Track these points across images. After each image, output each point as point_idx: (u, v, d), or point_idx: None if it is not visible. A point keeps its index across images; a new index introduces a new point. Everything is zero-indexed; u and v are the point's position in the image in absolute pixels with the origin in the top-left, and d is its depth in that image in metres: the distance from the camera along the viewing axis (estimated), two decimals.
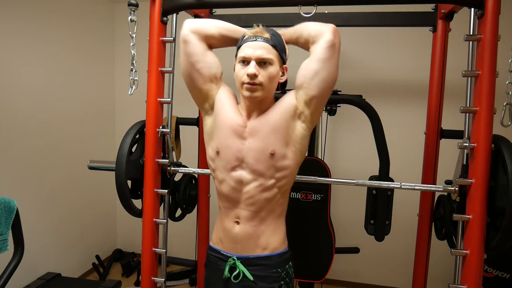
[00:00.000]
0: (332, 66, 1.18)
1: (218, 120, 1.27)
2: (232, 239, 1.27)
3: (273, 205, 1.25)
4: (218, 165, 1.28)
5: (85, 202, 3.04)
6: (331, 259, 1.97)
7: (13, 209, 1.66)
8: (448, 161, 1.94)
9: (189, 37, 1.26)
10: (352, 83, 2.76)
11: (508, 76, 1.36)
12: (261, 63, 1.16)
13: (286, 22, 1.91)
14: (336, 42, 1.17)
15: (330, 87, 1.21)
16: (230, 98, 1.29)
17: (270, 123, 1.20)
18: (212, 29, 1.28)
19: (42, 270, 2.54)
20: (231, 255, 1.27)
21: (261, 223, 1.24)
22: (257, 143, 1.20)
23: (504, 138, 1.33)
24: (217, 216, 1.37)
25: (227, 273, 1.26)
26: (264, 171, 1.20)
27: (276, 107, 1.23)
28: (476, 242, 1.32)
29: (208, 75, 1.28)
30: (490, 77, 1.28)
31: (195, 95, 1.33)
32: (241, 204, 1.25)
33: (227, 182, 1.25)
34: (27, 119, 2.46)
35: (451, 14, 1.76)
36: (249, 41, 1.19)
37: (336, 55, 1.18)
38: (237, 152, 1.22)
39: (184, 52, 1.27)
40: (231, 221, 1.26)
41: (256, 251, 1.25)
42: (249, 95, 1.18)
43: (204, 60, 1.27)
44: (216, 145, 1.27)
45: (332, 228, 1.98)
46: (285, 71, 1.26)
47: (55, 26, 2.63)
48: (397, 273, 2.92)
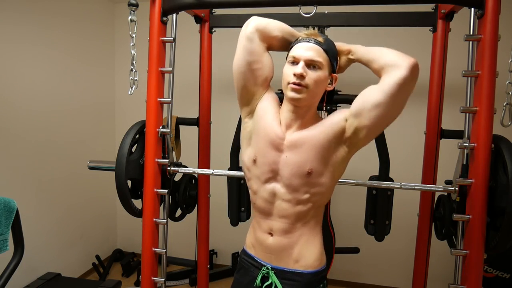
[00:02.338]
0: (396, 105, 1.07)
1: (258, 127, 1.22)
2: (266, 249, 1.23)
3: (308, 219, 1.20)
4: (253, 175, 1.24)
5: (85, 202, 3.04)
6: (331, 259, 1.97)
7: (13, 209, 1.66)
8: (448, 161, 1.94)
9: (253, 35, 1.21)
10: (352, 83, 2.74)
11: (508, 76, 1.36)
12: (310, 65, 1.12)
13: (286, 22, 1.91)
14: (412, 81, 1.05)
15: (386, 123, 1.12)
16: (273, 105, 1.24)
17: (311, 140, 1.14)
18: (277, 31, 1.23)
19: (42, 270, 2.54)
20: (265, 264, 1.24)
21: (294, 235, 1.20)
22: (295, 158, 1.15)
23: (504, 138, 1.33)
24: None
25: (259, 282, 1.23)
26: (298, 187, 1.16)
27: (321, 124, 1.17)
28: (476, 242, 1.32)
29: (260, 78, 1.24)
30: (490, 77, 1.28)
31: (241, 94, 1.27)
32: (274, 216, 1.21)
33: (260, 194, 1.22)
34: (27, 119, 2.46)
35: (451, 14, 1.76)
36: (301, 42, 1.16)
37: (405, 94, 1.06)
38: (272, 164, 1.18)
39: (244, 49, 1.21)
40: (265, 232, 1.23)
41: (289, 264, 1.20)
42: (292, 96, 1.12)
43: (262, 61, 1.22)
44: (254, 153, 1.22)
45: (332, 228, 1.98)
46: (334, 81, 1.19)
47: (55, 26, 2.63)
48: (397, 273, 2.92)
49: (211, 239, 2.31)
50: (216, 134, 2.39)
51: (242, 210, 2.11)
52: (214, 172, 1.75)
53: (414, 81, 1.06)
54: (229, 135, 2.11)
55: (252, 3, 1.52)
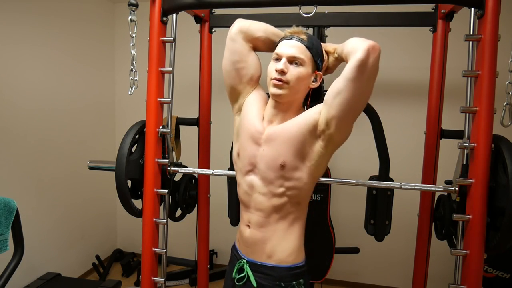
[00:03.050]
0: (358, 88, 1.07)
1: (243, 123, 1.29)
2: (244, 242, 1.28)
3: (283, 214, 1.22)
4: (238, 168, 1.31)
5: (85, 202, 3.05)
6: (331, 259, 1.97)
7: (13, 209, 1.66)
8: (448, 161, 1.94)
9: (236, 36, 1.27)
10: None
11: (508, 76, 1.36)
12: (293, 62, 1.15)
13: (287, 22, 1.92)
14: (368, 62, 1.03)
15: (353, 110, 1.12)
16: (259, 102, 1.29)
17: (285, 133, 1.17)
18: (261, 32, 1.28)
19: (42, 270, 2.55)
20: (243, 257, 1.28)
21: (268, 229, 1.22)
22: (270, 151, 1.19)
23: (504, 138, 1.33)
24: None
25: (235, 273, 1.27)
26: (273, 179, 1.19)
27: (297, 118, 1.19)
28: (476, 242, 1.32)
29: (245, 77, 1.29)
30: (490, 77, 1.28)
31: (229, 92, 1.34)
32: (251, 209, 1.25)
33: (242, 186, 1.29)
34: (27, 119, 2.46)
35: (451, 14, 1.76)
36: (284, 40, 1.19)
37: (364, 77, 1.05)
38: (251, 157, 1.23)
39: (228, 50, 1.29)
40: (245, 224, 1.28)
41: (262, 258, 1.23)
42: (274, 92, 1.16)
43: (246, 61, 1.28)
44: (238, 147, 1.30)
45: (332, 228, 1.97)
46: (318, 78, 1.21)
47: (55, 26, 2.63)
48: (397, 273, 2.92)
49: (211, 239, 2.30)
50: (216, 134, 2.39)
51: None
52: (214, 172, 1.75)
53: (373, 64, 1.05)
54: (229, 135, 2.10)
55: (252, 3, 1.52)
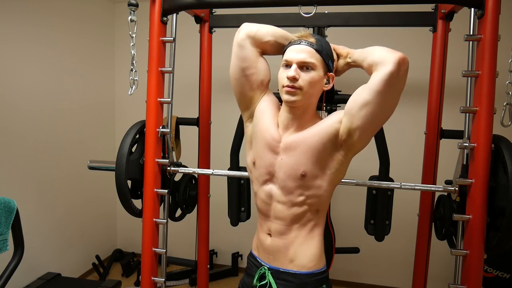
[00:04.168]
0: (386, 102, 1.06)
1: (256, 130, 1.25)
2: (266, 250, 1.25)
3: (303, 222, 1.20)
4: (254, 177, 1.27)
5: (85, 202, 3.04)
6: (331, 259, 1.97)
7: (13, 209, 1.66)
8: (448, 161, 1.94)
9: (244, 42, 1.23)
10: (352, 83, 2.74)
11: (508, 76, 1.36)
12: (303, 67, 1.13)
13: (287, 22, 1.92)
14: (399, 75, 1.02)
15: (378, 121, 1.12)
16: (272, 108, 1.25)
17: (305, 143, 1.15)
18: (269, 36, 1.24)
19: (42, 270, 2.54)
20: (265, 264, 1.26)
21: (289, 236, 1.21)
22: (289, 161, 1.16)
23: (504, 138, 1.33)
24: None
25: (257, 281, 1.25)
26: (292, 189, 1.17)
27: (317, 126, 1.17)
28: (476, 242, 1.32)
29: (256, 82, 1.25)
30: (490, 77, 1.28)
31: (239, 99, 1.30)
32: (271, 218, 1.23)
33: (259, 195, 1.25)
34: (27, 119, 2.46)
35: (451, 14, 1.76)
36: (293, 45, 1.16)
37: (393, 90, 1.05)
38: (269, 166, 1.20)
39: (237, 56, 1.24)
40: (265, 232, 1.26)
41: (284, 264, 1.21)
42: (287, 99, 1.13)
43: (255, 67, 1.24)
44: (253, 156, 1.26)
45: (332, 228, 1.97)
46: (331, 80, 1.19)
47: (55, 26, 2.63)
48: (397, 273, 2.92)
49: (211, 239, 2.30)
50: (216, 134, 2.39)
51: (242, 210, 2.12)
52: (214, 172, 1.75)
53: (402, 77, 1.04)
54: (229, 135, 2.11)
55: (252, 3, 1.52)
